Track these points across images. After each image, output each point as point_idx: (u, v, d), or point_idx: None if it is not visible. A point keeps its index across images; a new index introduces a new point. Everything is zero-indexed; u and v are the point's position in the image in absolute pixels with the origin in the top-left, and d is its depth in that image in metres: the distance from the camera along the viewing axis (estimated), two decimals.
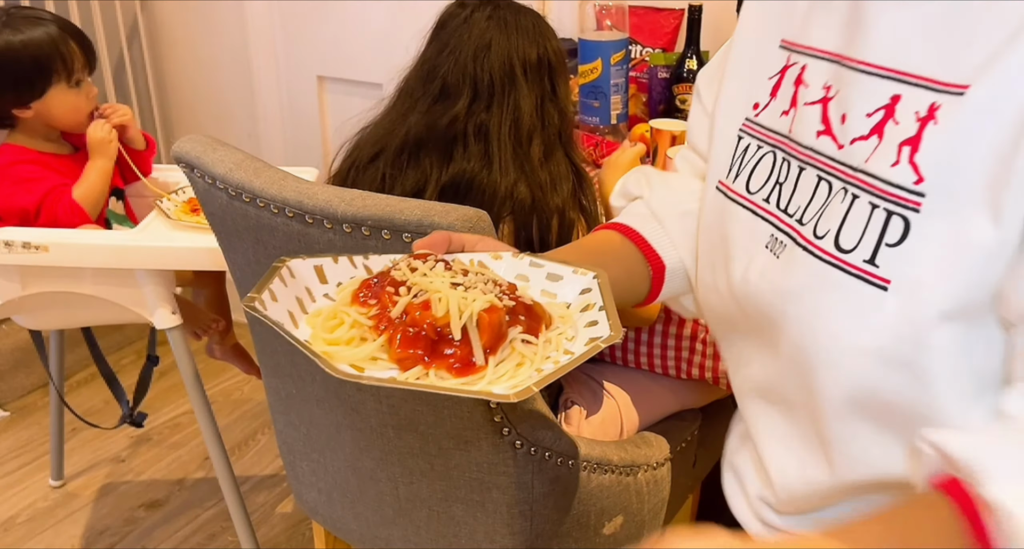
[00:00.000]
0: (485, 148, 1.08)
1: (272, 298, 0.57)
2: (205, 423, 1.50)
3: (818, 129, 0.62)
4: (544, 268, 0.63)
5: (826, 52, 0.64)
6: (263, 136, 2.54)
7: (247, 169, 0.96)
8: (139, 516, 1.95)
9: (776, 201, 0.66)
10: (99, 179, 1.45)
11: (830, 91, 0.62)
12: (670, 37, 1.84)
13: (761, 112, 0.70)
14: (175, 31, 2.57)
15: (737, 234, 0.69)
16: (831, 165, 0.61)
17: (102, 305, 1.39)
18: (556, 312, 0.59)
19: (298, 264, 0.62)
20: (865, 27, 0.60)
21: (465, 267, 0.60)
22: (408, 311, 0.54)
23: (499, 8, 1.14)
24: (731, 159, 0.72)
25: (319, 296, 0.61)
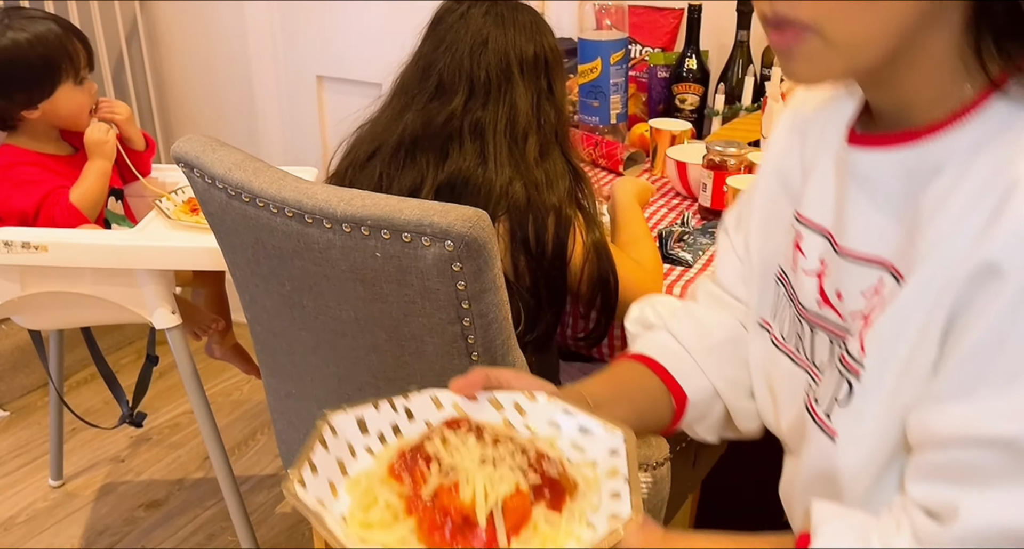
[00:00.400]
0: (481, 146, 1.08)
1: (312, 471, 0.59)
2: (205, 423, 1.50)
3: (818, 300, 0.68)
4: (575, 418, 0.65)
5: (822, 229, 0.68)
6: (262, 136, 2.54)
7: (246, 169, 0.95)
8: (139, 516, 1.95)
9: (803, 352, 0.71)
10: (97, 181, 1.45)
11: (824, 266, 0.68)
12: (670, 37, 1.84)
13: (785, 262, 0.74)
14: (174, 31, 2.57)
15: (781, 380, 0.74)
16: (838, 332, 0.66)
17: (101, 305, 1.39)
18: (584, 475, 0.61)
19: (340, 420, 0.64)
20: (848, 219, 0.65)
21: (497, 434, 0.62)
22: (438, 493, 0.57)
23: (496, 4, 1.13)
24: (773, 303, 0.76)
25: (361, 450, 0.64)
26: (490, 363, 0.94)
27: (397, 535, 0.56)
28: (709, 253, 1.29)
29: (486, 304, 0.89)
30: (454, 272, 0.86)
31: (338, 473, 0.61)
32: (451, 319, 0.90)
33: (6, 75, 1.37)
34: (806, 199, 0.71)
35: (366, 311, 0.94)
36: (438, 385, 0.97)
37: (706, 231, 1.34)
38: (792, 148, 0.76)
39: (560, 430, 0.65)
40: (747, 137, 1.57)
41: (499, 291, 0.90)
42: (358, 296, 0.93)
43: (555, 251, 1.08)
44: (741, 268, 0.83)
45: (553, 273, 1.09)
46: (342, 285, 0.93)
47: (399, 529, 0.56)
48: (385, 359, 0.98)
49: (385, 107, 1.17)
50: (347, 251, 0.89)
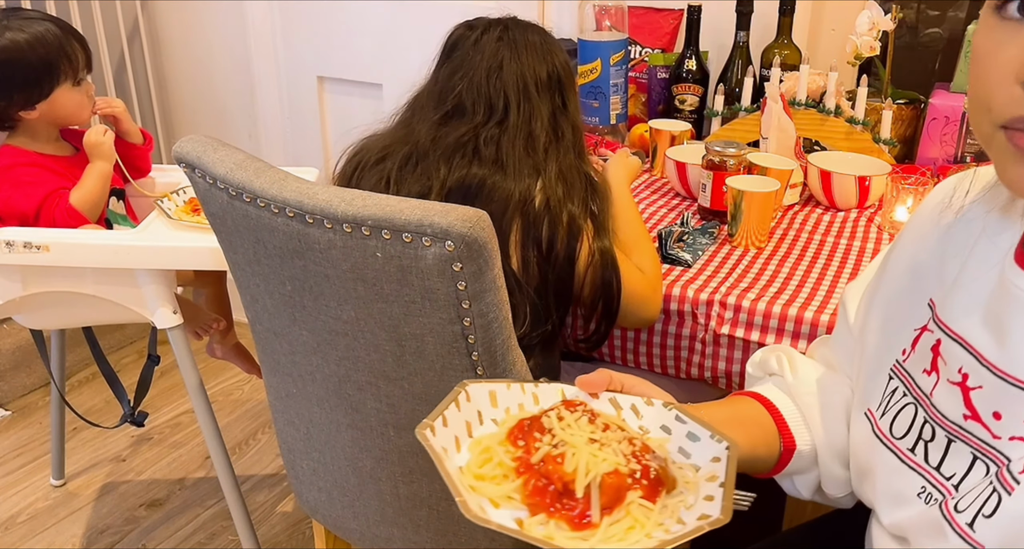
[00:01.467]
0: (497, 156, 1.10)
1: (444, 423, 0.66)
2: (206, 423, 1.50)
3: (965, 413, 0.64)
4: (687, 426, 0.69)
5: (966, 343, 0.65)
6: (263, 136, 2.55)
7: (248, 169, 0.96)
8: (140, 515, 1.95)
9: (924, 456, 0.68)
10: (97, 183, 1.45)
11: (968, 380, 0.64)
12: (669, 37, 1.85)
13: (907, 360, 0.72)
14: (175, 32, 2.57)
15: (883, 473, 0.72)
16: (988, 450, 0.63)
17: (103, 305, 1.40)
18: (685, 476, 0.65)
19: (475, 388, 0.70)
20: (1012, 344, 0.61)
21: (609, 421, 0.66)
22: (545, 460, 0.62)
23: (508, 29, 1.16)
24: (881, 395, 0.74)
25: (488, 419, 0.70)
26: (490, 363, 0.95)
27: (504, 491, 0.62)
28: (708, 253, 1.29)
29: (486, 304, 0.90)
30: (454, 272, 0.86)
31: (464, 432, 0.67)
32: (451, 319, 0.91)
33: (4, 75, 1.38)
34: (951, 307, 0.68)
35: (366, 311, 0.95)
36: (438, 385, 0.98)
37: (705, 231, 1.35)
38: (933, 245, 0.72)
39: (671, 434, 0.69)
40: (746, 137, 1.58)
41: (499, 291, 0.90)
42: (358, 296, 0.94)
43: (565, 255, 1.09)
44: (852, 348, 0.82)
45: (562, 275, 1.10)
46: (343, 285, 0.94)
47: (507, 486, 0.62)
48: (385, 359, 0.99)
49: (399, 123, 1.19)
50: (348, 251, 0.90)
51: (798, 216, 1.44)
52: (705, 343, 1.17)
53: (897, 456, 0.70)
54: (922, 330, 0.71)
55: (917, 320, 0.72)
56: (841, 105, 1.55)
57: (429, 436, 0.63)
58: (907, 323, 0.73)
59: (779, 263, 1.26)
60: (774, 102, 1.43)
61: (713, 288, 1.18)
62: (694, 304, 1.17)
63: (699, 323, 1.17)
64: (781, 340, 1.12)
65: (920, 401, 0.70)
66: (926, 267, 0.73)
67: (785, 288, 1.18)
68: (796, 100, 1.56)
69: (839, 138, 1.56)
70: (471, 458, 0.65)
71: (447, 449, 0.64)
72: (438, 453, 0.62)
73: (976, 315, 0.65)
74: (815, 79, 1.57)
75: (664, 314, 1.19)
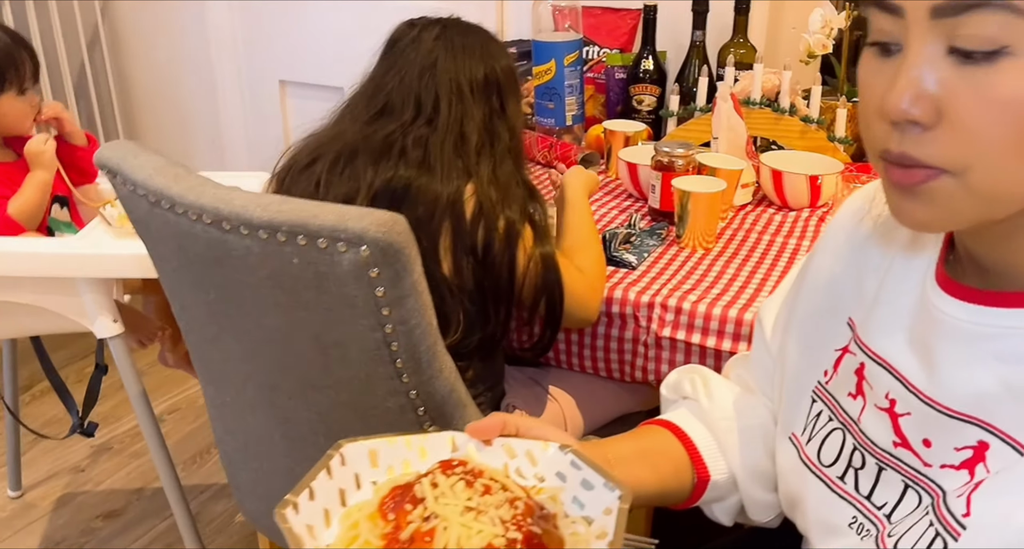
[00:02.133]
0: (424, 156, 1.07)
1: (310, 497, 0.60)
2: (150, 433, 1.48)
3: (895, 440, 0.62)
4: (581, 472, 0.65)
5: (892, 367, 0.63)
6: (226, 140, 2.52)
7: (166, 175, 0.94)
8: (96, 526, 1.92)
9: (854, 484, 0.65)
10: (36, 192, 1.43)
11: (896, 406, 0.62)
12: (627, 37, 1.83)
13: (830, 382, 0.69)
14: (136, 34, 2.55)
15: (813, 502, 0.69)
16: (920, 479, 0.60)
17: (42, 314, 1.37)
18: (576, 534, 0.61)
19: (352, 449, 0.65)
20: (940, 371, 0.59)
21: (494, 478, 0.62)
22: (414, 537, 0.57)
23: (447, 29, 1.14)
24: (805, 419, 0.71)
25: (367, 482, 0.64)
26: (415, 370, 0.92)
27: None
28: (655, 255, 1.27)
29: (407, 310, 0.88)
30: (371, 278, 0.84)
31: (336, 502, 0.62)
32: (372, 326, 0.88)
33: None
34: (872, 329, 0.65)
35: (288, 318, 0.92)
36: (365, 393, 0.96)
37: (654, 232, 1.33)
38: (850, 259, 0.69)
39: (566, 482, 0.65)
40: (702, 138, 1.56)
41: (420, 296, 0.88)
42: (279, 303, 0.91)
43: (504, 260, 1.07)
44: (771, 368, 0.80)
45: (500, 281, 1.08)
46: (263, 293, 0.91)
47: None
48: (312, 367, 0.96)
49: (331, 122, 1.17)
50: (265, 258, 0.88)
51: (749, 216, 1.42)
52: (647, 346, 1.16)
53: (827, 484, 0.67)
54: (843, 351, 0.68)
55: (837, 340, 0.69)
56: (796, 104, 1.54)
57: (290, 515, 0.57)
58: (827, 343, 0.70)
59: (725, 264, 1.24)
60: (723, 101, 1.41)
61: (655, 290, 1.16)
62: (635, 306, 1.15)
63: (641, 326, 1.15)
64: (722, 343, 1.10)
65: (848, 427, 0.66)
66: (843, 283, 0.70)
67: (728, 289, 1.16)
68: (751, 99, 1.54)
69: (794, 137, 1.54)
70: (339, 534, 0.59)
71: (313, 526, 0.59)
72: (297, 536, 0.56)
73: (899, 337, 0.62)
74: (770, 78, 1.56)
75: (606, 317, 1.17)
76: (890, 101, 0.50)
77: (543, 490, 0.64)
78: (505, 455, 0.67)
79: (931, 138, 0.50)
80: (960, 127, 0.49)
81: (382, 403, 0.96)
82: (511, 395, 1.22)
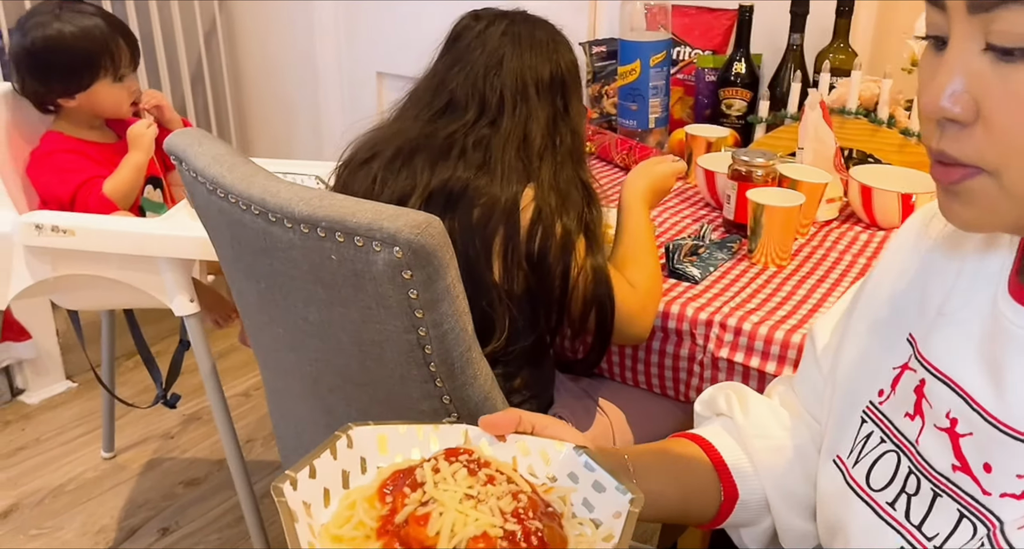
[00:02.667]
0: (484, 158, 1.05)
1: (311, 475, 0.59)
2: (218, 410, 1.53)
3: (954, 463, 0.58)
4: (594, 474, 0.63)
5: (955, 384, 0.59)
6: (325, 130, 2.59)
7: (223, 164, 0.96)
8: (177, 492, 2.01)
9: (905, 512, 0.61)
10: (131, 173, 1.50)
11: (957, 426, 0.58)
12: (722, 38, 1.76)
13: (885, 402, 0.65)
14: (249, 29, 2.65)
15: (857, 531, 0.65)
16: (977, 508, 0.56)
17: (126, 289, 1.44)
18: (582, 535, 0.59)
19: (360, 433, 0.64)
20: (1010, 389, 0.55)
21: (500, 470, 0.60)
22: (409, 521, 0.56)
23: (514, 23, 1.11)
24: (852, 441, 0.67)
25: (373, 467, 0.63)
26: (448, 375, 0.92)
27: None
28: (722, 269, 1.22)
29: (440, 314, 0.87)
30: (404, 280, 0.84)
31: (338, 483, 0.61)
32: (406, 328, 0.88)
33: (47, 63, 1.44)
34: (935, 344, 0.61)
35: (328, 313, 0.93)
36: (400, 393, 0.96)
37: (724, 245, 1.27)
38: (913, 274, 0.66)
39: (578, 483, 0.63)
40: (789, 147, 1.49)
41: (455, 301, 0.87)
42: (320, 298, 0.92)
43: (559, 270, 1.04)
44: (822, 389, 0.75)
45: (552, 289, 1.05)
46: (306, 286, 0.92)
47: None
48: (351, 363, 0.97)
49: (394, 116, 1.16)
50: (307, 252, 0.88)
51: (833, 233, 1.34)
52: (703, 366, 1.11)
53: (875, 510, 0.63)
54: (903, 368, 0.64)
55: (896, 358, 0.65)
56: (896, 115, 1.44)
57: (287, 491, 0.56)
58: (884, 361, 0.66)
59: (797, 284, 1.18)
60: (811, 110, 1.34)
61: (716, 308, 1.11)
62: (693, 323, 1.10)
63: (697, 344, 1.10)
64: (782, 368, 1.04)
65: (904, 449, 0.62)
66: (904, 298, 0.66)
67: (796, 312, 1.10)
68: (846, 109, 1.46)
69: (891, 151, 1.45)
70: (336, 513, 0.58)
71: (310, 504, 0.58)
72: (290, 511, 0.55)
73: (965, 352, 0.58)
74: (869, 86, 1.46)
75: (662, 332, 1.13)
76: (928, 98, 0.50)
77: (553, 489, 0.62)
78: (518, 452, 0.65)
79: (968, 135, 0.49)
80: (994, 126, 0.48)
81: (416, 405, 0.95)
82: (559, 404, 1.20)
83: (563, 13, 1.17)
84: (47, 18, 1.43)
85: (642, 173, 1.19)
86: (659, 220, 1.40)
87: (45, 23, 1.43)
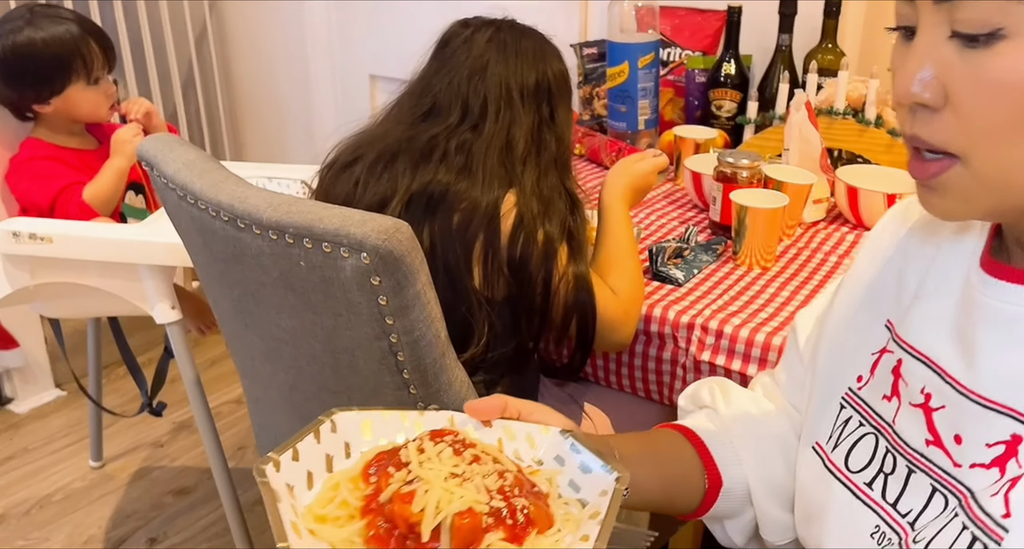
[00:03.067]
0: (466, 162, 1.04)
1: (294, 457, 0.59)
2: (201, 418, 1.52)
3: (927, 438, 0.60)
4: (580, 455, 0.63)
5: (930, 360, 0.61)
6: (318, 133, 2.58)
7: (193, 170, 0.94)
8: (166, 502, 1.99)
9: (882, 491, 0.63)
10: (112, 179, 1.49)
11: (931, 400, 0.60)
12: (711, 40, 1.75)
13: (864, 387, 0.67)
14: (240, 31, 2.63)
15: (835, 512, 0.66)
16: (948, 480, 0.58)
17: (108, 297, 1.42)
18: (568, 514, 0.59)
19: (344, 418, 0.64)
20: (978, 358, 0.57)
21: (480, 453, 0.60)
22: (393, 499, 0.56)
23: (501, 30, 1.10)
24: (832, 427, 0.69)
25: (356, 452, 0.63)
26: (422, 382, 0.90)
27: (343, 534, 0.55)
28: (706, 271, 1.20)
29: (411, 321, 0.85)
30: (373, 286, 0.82)
31: (322, 467, 0.61)
32: (377, 335, 0.86)
33: (19, 69, 1.43)
34: (912, 323, 0.63)
35: (301, 321, 0.91)
36: (374, 401, 0.94)
37: (709, 247, 1.26)
38: (892, 261, 0.67)
39: (564, 465, 0.63)
40: (777, 148, 1.47)
41: (426, 307, 0.85)
42: (291, 305, 0.90)
43: (540, 277, 1.02)
44: (803, 377, 0.76)
45: (533, 298, 1.03)
46: (277, 293, 0.91)
47: (348, 529, 0.56)
48: (324, 370, 0.95)
49: (379, 120, 1.15)
50: (276, 259, 0.87)
51: (819, 234, 1.33)
52: (686, 369, 1.09)
53: (852, 491, 0.64)
54: (881, 352, 0.65)
55: (874, 343, 0.67)
56: (883, 115, 1.42)
57: (270, 472, 0.56)
58: (863, 348, 0.68)
59: (781, 285, 1.16)
60: (796, 111, 1.32)
61: (698, 310, 1.09)
62: (675, 326, 1.08)
63: (680, 347, 1.09)
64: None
65: (882, 430, 0.64)
66: (882, 285, 0.68)
67: (778, 313, 1.08)
68: (833, 109, 1.44)
69: (879, 151, 1.43)
70: (319, 494, 0.59)
71: (293, 486, 0.58)
72: (273, 491, 0.55)
73: (940, 329, 0.60)
74: (857, 87, 1.45)
75: (644, 335, 1.11)
76: (899, 85, 0.52)
77: (539, 472, 0.61)
78: (504, 435, 0.65)
79: (938, 119, 0.51)
80: (961, 110, 0.50)
81: None
82: None
83: (554, 15, 1.15)
84: (18, 24, 1.42)
85: (621, 172, 1.17)
86: (646, 222, 1.39)
87: (16, 30, 1.42)
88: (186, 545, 1.86)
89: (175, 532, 1.89)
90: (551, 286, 1.03)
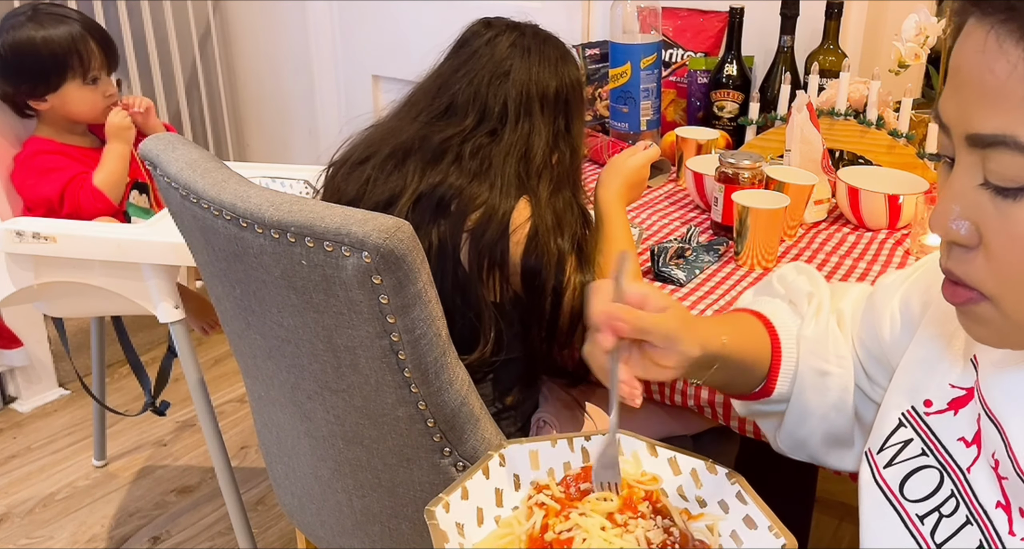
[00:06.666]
0: (482, 167, 1.03)
1: (463, 496, 0.61)
2: (205, 418, 1.52)
3: (999, 501, 0.58)
4: (746, 508, 0.63)
5: (1000, 427, 0.57)
6: (322, 132, 2.59)
7: (196, 169, 0.95)
8: (169, 501, 2.00)
9: (932, 529, 0.61)
10: (117, 163, 1.50)
11: (999, 468, 0.57)
12: (714, 41, 1.75)
13: (933, 415, 0.64)
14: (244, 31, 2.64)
15: (876, 529, 0.65)
16: (997, 544, 0.57)
17: (111, 297, 1.43)
18: None
19: (512, 450, 0.66)
20: None
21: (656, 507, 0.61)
22: (552, 545, 0.57)
23: (524, 36, 1.09)
24: (884, 439, 0.67)
25: (525, 482, 0.65)
26: (423, 380, 0.90)
27: None
28: (707, 272, 1.20)
29: (412, 319, 0.85)
30: (374, 285, 0.82)
31: (492, 502, 0.63)
32: (378, 333, 0.87)
33: (16, 66, 1.44)
34: (992, 380, 0.59)
35: (302, 319, 0.92)
36: (375, 399, 0.94)
37: (711, 248, 1.26)
38: None
39: (727, 513, 0.64)
40: (779, 149, 1.47)
41: (427, 306, 0.86)
42: (292, 304, 0.91)
43: (549, 289, 1.02)
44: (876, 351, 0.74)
45: (542, 308, 1.03)
46: (278, 291, 0.91)
47: None
48: (326, 369, 0.96)
49: (391, 116, 1.14)
50: (278, 258, 0.87)
51: (821, 235, 1.33)
52: None
53: (903, 520, 0.63)
54: (968, 394, 0.62)
55: (953, 376, 0.63)
56: (885, 116, 1.42)
57: (439, 514, 0.58)
58: (942, 374, 0.64)
59: None
60: (797, 112, 1.32)
61: (699, 311, 1.09)
62: None
63: None
64: None
65: (950, 470, 0.61)
66: None
67: None
68: (835, 110, 1.44)
69: (880, 152, 1.43)
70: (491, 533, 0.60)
71: (463, 524, 0.59)
72: (442, 532, 0.57)
73: (1017, 393, 0.57)
74: (858, 88, 1.45)
75: None
76: (936, 219, 0.52)
77: (703, 516, 0.63)
78: (670, 470, 0.66)
79: (972, 259, 0.51)
80: (993, 254, 0.50)
81: (392, 411, 0.94)
82: (544, 410, 1.18)
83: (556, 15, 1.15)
84: (20, 20, 1.43)
85: (614, 171, 1.16)
86: (648, 222, 1.39)
87: (17, 26, 1.43)
88: (189, 544, 1.86)
89: (178, 531, 1.90)
90: (560, 295, 1.03)
